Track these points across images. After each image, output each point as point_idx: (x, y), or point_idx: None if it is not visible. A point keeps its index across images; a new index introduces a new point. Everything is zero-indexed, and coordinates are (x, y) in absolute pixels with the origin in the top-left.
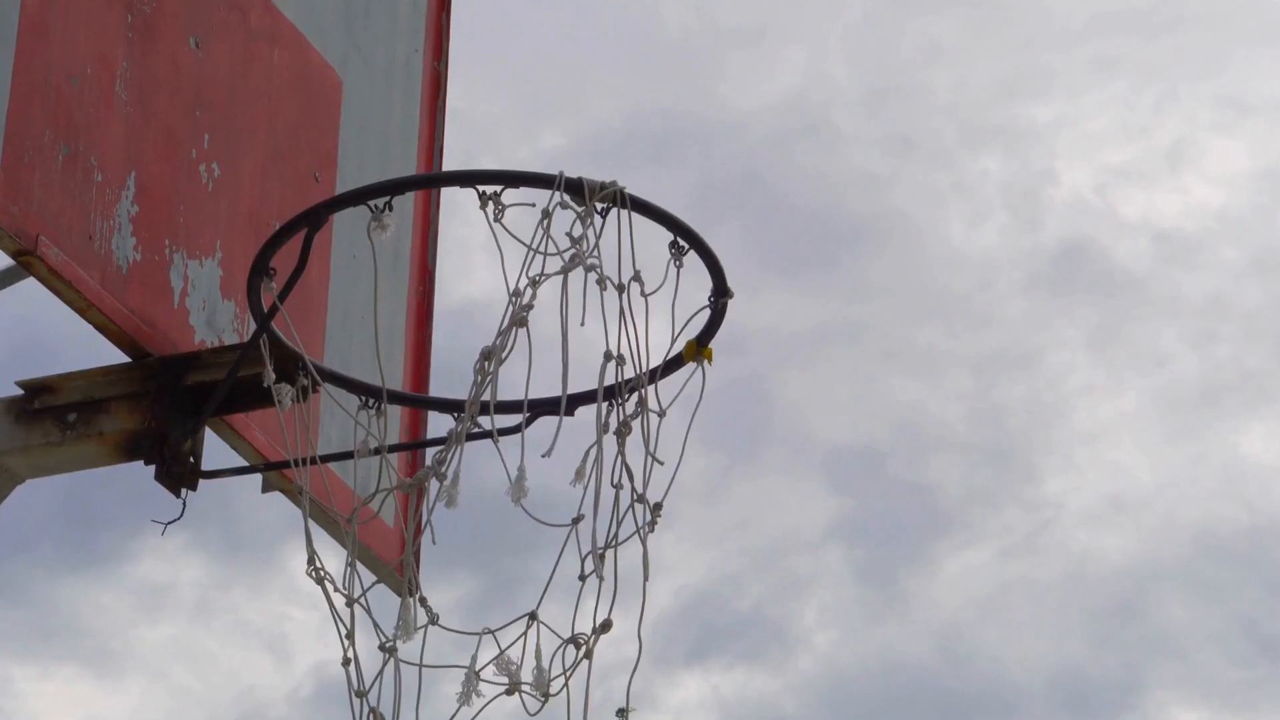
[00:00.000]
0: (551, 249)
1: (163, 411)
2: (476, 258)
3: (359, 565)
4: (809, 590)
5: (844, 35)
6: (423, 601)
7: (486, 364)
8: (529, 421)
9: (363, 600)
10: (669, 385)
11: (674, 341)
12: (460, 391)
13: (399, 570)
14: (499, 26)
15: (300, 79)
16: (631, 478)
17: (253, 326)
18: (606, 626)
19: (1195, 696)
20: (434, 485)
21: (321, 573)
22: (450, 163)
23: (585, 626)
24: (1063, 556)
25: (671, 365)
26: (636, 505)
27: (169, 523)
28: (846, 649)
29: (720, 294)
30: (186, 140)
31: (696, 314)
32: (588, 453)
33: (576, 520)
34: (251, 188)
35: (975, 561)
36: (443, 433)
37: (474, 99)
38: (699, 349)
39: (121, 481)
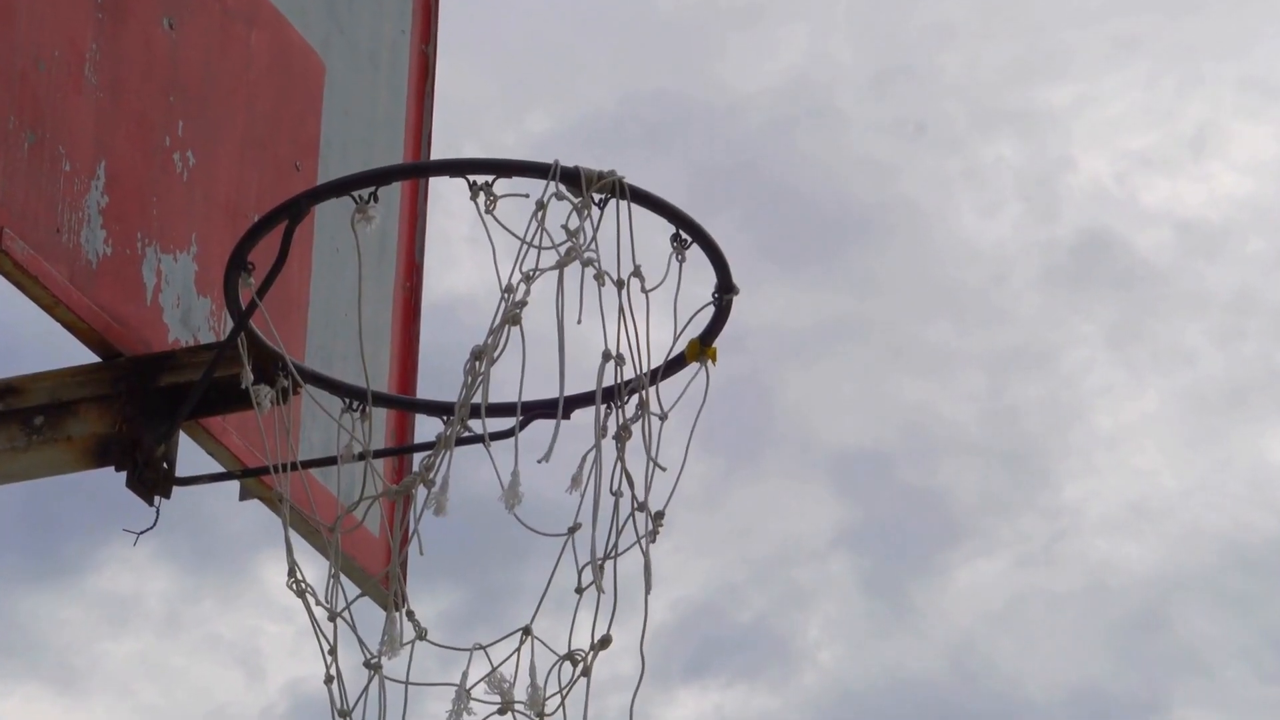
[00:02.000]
0: (546, 242)
1: (134, 414)
2: (463, 249)
3: (342, 577)
4: (813, 602)
5: (849, 13)
6: (409, 615)
7: (477, 364)
8: (523, 425)
9: (346, 615)
10: (669, 386)
11: (676, 340)
12: (450, 393)
13: (384, 583)
14: (484, 3)
15: (280, 62)
16: (632, 484)
17: (230, 324)
18: (606, 642)
19: (1222, 714)
20: (422, 492)
21: (303, 585)
22: (436, 149)
23: (581, 641)
24: (1082, 567)
25: (673, 365)
26: (637, 514)
27: (141, 532)
28: (853, 664)
29: (725, 290)
30: (160, 127)
31: (700, 311)
32: (585, 457)
33: (573, 529)
34: (228, 177)
35: (989, 572)
36: (431, 436)
37: (457, 80)
38: (702, 348)
39: (86, 487)
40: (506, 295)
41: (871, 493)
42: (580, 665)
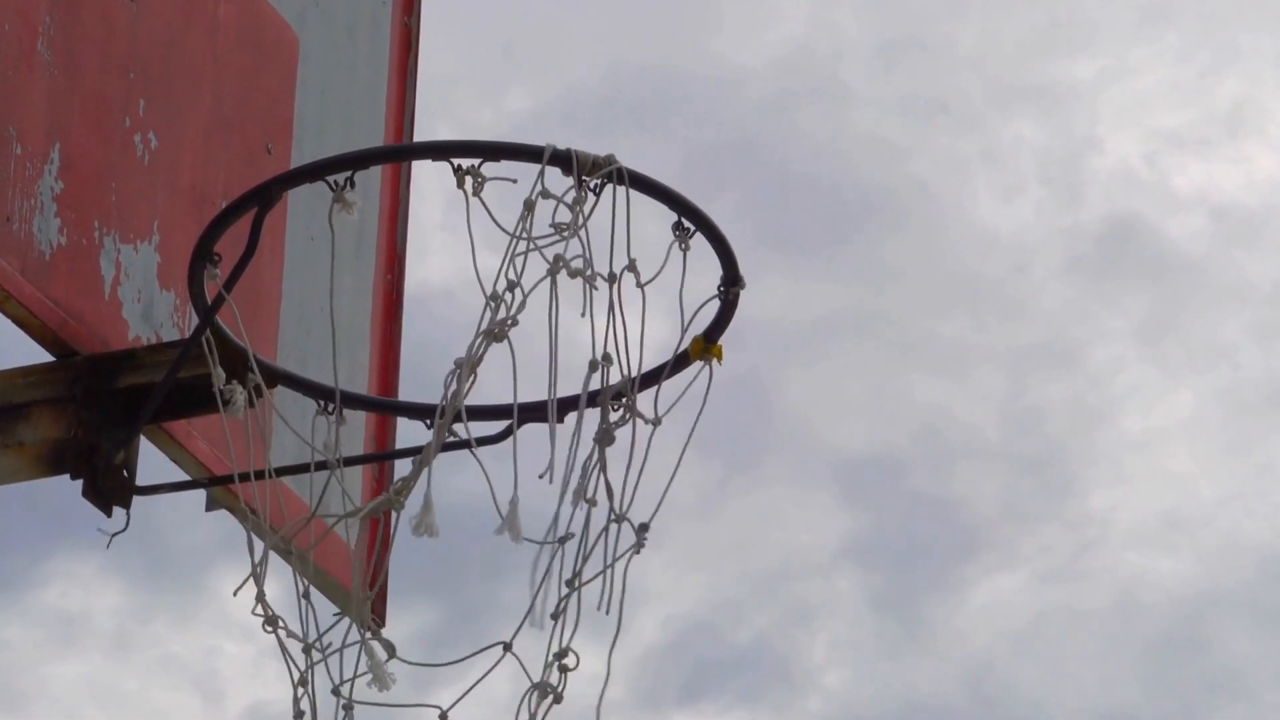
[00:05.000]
0: (536, 231)
1: (92, 418)
2: (436, 237)
3: (320, 593)
4: (818, 620)
5: None
6: (376, 635)
7: (460, 372)
8: (508, 433)
9: (323, 633)
10: (669, 388)
11: (682, 338)
12: (434, 395)
13: (373, 609)
14: None
15: (250, 36)
16: (611, 495)
17: (195, 320)
18: (563, 656)
19: None
20: (398, 507)
21: (269, 611)
22: (416, 130)
23: (556, 668)
24: (1110, 581)
25: (676, 365)
26: (617, 525)
27: (115, 534)
28: (861, 687)
29: (731, 283)
30: (119, 107)
31: (704, 305)
32: (569, 466)
33: (564, 539)
34: (194, 161)
35: (1009, 587)
36: (414, 441)
37: (429, 54)
38: (707, 346)
39: (28, 495)
40: (491, 303)
41: (881, 502)
42: (551, 696)
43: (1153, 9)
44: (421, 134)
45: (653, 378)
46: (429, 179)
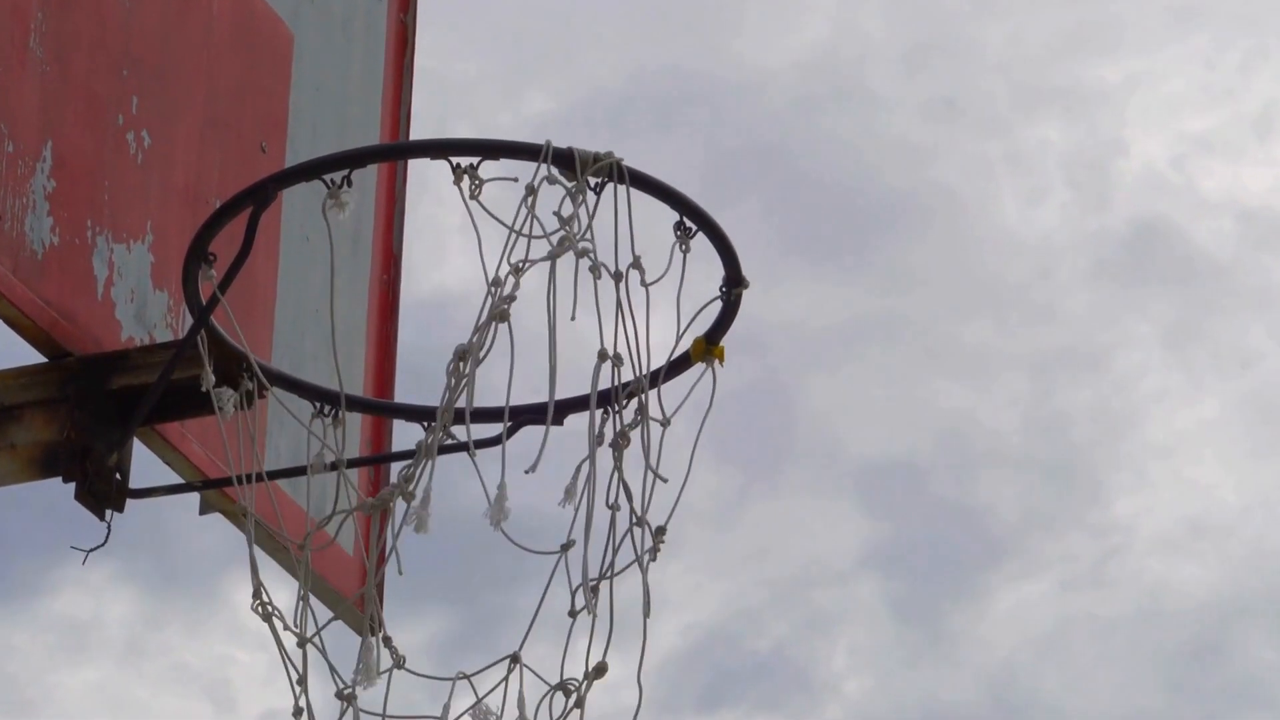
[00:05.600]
0: (537, 231)
1: (84, 420)
2: (450, 241)
3: (313, 599)
4: (838, 628)
5: None
6: (386, 641)
7: (461, 365)
8: (511, 432)
9: (317, 640)
10: (674, 389)
11: (679, 338)
12: (431, 397)
13: (359, 605)
14: None
15: (244, 32)
16: (630, 497)
17: (189, 321)
18: (601, 670)
19: None
20: (400, 506)
21: (269, 608)
22: (419, 130)
23: (576, 670)
24: (1134, 589)
25: (677, 366)
26: (635, 529)
27: (91, 550)
28: (881, 696)
29: (733, 283)
30: (112, 104)
31: (706, 306)
32: (579, 468)
33: (566, 547)
34: (187, 159)
35: (1032, 595)
36: (410, 444)
37: (446, 55)
38: (708, 347)
39: (37, 501)
40: (493, 289)
41: (903, 509)
42: (574, 695)
43: (1182, 10)
44: (436, 136)
45: (652, 380)
46: (426, 178)
